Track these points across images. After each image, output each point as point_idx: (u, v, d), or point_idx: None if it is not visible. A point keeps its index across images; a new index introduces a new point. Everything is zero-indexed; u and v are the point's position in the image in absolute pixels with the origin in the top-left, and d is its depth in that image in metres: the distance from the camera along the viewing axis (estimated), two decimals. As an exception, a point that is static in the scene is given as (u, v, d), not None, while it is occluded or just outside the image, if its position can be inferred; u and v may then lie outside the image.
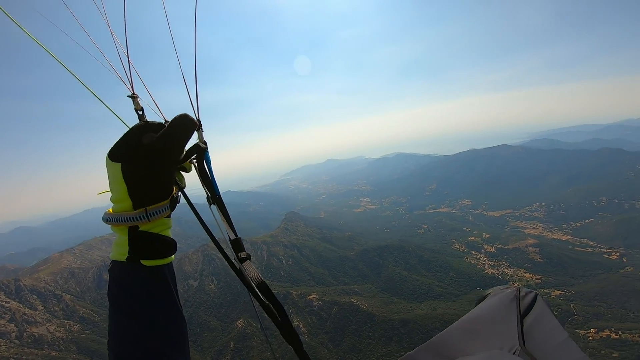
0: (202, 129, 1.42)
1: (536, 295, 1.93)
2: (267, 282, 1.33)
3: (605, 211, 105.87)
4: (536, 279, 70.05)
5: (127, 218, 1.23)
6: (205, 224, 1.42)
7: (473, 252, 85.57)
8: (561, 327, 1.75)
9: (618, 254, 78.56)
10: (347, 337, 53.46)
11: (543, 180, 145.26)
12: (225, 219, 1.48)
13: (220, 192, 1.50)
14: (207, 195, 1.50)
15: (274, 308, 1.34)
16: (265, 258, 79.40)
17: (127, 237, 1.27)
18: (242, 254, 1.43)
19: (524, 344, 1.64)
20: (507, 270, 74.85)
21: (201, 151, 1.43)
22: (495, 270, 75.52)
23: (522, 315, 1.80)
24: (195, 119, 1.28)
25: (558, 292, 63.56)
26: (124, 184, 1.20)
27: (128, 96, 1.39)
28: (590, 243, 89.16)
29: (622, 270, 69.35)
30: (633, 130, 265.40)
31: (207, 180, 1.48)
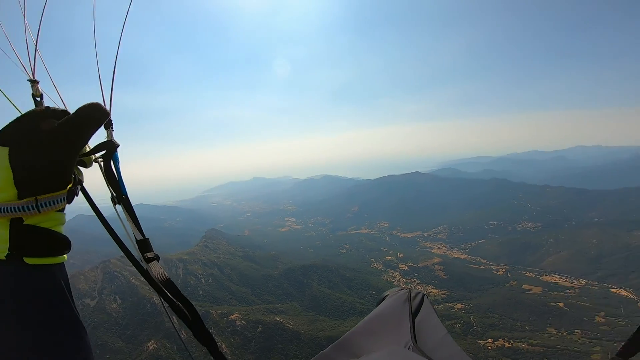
0: (112, 127, 1.31)
1: (423, 295, 2.24)
2: (173, 281, 1.24)
3: (494, 233, 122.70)
4: (442, 294, 77.05)
5: (10, 208, 1.02)
6: (106, 221, 1.28)
7: (389, 271, 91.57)
8: (441, 324, 2.03)
9: (504, 269, 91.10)
10: (274, 356, 51.48)
11: (447, 205, 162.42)
12: (131, 219, 1.38)
13: (134, 204, 1.38)
14: (112, 194, 1.38)
15: (184, 307, 1.25)
16: (181, 276, 73.79)
17: (7, 231, 1.04)
18: (150, 254, 1.32)
19: (416, 341, 1.85)
20: (419, 287, 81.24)
21: (112, 148, 1.32)
22: (409, 287, 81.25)
23: (413, 315, 2.05)
24: (107, 110, 1.12)
25: (460, 306, 69.89)
26: (10, 169, 1.01)
27: (28, 80, 1.23)
28: (483, 260, 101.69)
29: (508, 284, 79.88)
30: (517, 163, 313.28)
31: (113, 179, 1.37)
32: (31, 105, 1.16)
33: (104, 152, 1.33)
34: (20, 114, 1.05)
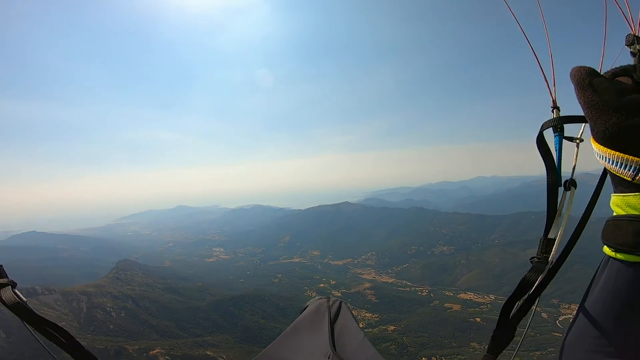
0: None
1: (341, 302, 2.34)
2: (28, 304, 1.20)
3: (416, 257, 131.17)
4: (375, 317, 78.34)
5: None
6: None
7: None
8: (358, 329, 2.10)
9: (427, 290, 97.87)
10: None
11: (374, 233, 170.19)
12: None
13: (21, 232, 1.37)
14: None
15: (54, 331, 1.20)
16: (85, 310, 64.33)
17: None
18: (3, 280, 1.31)
19: (335, 349, 1.87)
20: (353, 312, 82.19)
21: None
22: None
23: (332, 322, 2.09)
24: None
25: (393, 327, 71.61)
26: None
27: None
28: (408, 283, 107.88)
29: (432, 304, 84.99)
30: (431, 193, 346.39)
31: None
32: None
33: None
34: None
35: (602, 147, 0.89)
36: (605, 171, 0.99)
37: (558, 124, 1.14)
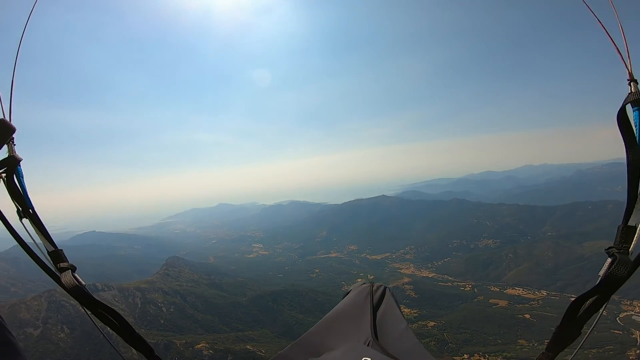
0: (14, 142, 1.34)
1: (385, 288, 2.21)
2: (86, 288, 1.27)
3: (458, 251, 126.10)
4: (414, 312, 76.40)
5: None
6: (17, 234, 1.32)
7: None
8: (402, 317, 1.99)
9: (470, 285, 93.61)
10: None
11: (412, 226, 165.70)
12: (41, 232, 1.41)
13: (83, 232, 1.40)
14: (18, 209, 1.40)
15: (108, 314, 1.26)
16: (139, 305, 68.91)
17: None
18: (63, 264, 1.36)
19: (376, 335, 1.81)
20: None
21: (15, 164, 1.35)
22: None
23: (375, 308, 2.01)
24: (13, 126, 1.18)
25: (432, 323, 69.87)
26: None
27: None
28: (450, 278, 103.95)
29: (475, 300, 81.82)
30: (474, 184, 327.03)
31: (18, 194, 1.39)
32: None
33: (4, 168, 1.34)
34: None
35: None
36: None
37: (638, 98, 1.05)
